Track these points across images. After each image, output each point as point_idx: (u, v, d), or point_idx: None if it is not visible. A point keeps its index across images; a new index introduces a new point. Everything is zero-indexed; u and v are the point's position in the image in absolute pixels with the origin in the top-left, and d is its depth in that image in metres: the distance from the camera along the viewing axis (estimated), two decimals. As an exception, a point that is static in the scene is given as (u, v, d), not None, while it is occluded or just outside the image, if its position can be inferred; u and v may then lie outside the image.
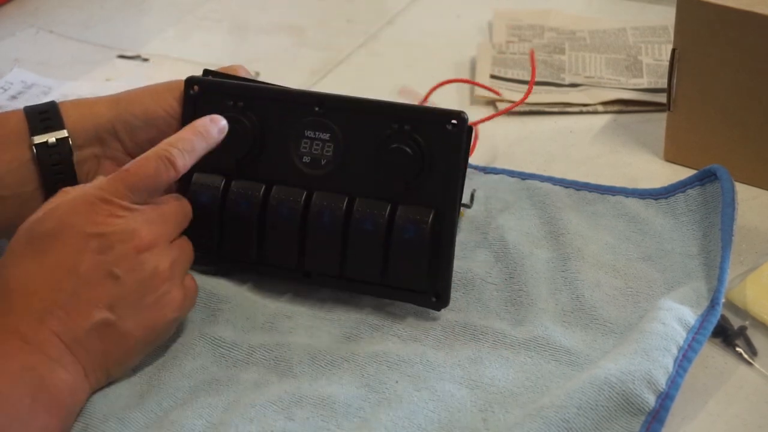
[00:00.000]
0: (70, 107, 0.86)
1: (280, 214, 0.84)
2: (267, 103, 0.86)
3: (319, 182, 0.85)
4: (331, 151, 0.84)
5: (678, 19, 0.95)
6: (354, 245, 0.83)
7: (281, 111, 0.86)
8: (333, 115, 0.84)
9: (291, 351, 0.81)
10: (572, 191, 0.96)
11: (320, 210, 0.83)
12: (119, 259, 0.75)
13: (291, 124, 0.85)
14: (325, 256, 0.84)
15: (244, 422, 0.74)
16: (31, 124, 0.85)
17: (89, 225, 0.75)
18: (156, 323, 0.77)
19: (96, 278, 0.74)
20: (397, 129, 0.82)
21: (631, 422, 0.73)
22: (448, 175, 0.82)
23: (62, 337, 0.73)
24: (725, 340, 0.81)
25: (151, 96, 0.87)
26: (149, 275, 0.76)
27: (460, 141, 0.81)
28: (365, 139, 0.84)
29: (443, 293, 0.83)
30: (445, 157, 0.82)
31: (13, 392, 0.68)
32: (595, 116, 1.10)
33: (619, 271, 0.87)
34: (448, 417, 0.75)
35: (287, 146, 0.85)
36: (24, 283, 0.73)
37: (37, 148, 0.84)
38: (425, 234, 0.82)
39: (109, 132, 0.86)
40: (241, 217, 0.85)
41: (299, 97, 0.86)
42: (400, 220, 0.82)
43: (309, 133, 0.85)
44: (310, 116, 0.85)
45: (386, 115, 0.83)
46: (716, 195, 0.89)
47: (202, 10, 1.35)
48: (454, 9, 1.33)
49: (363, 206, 0.83)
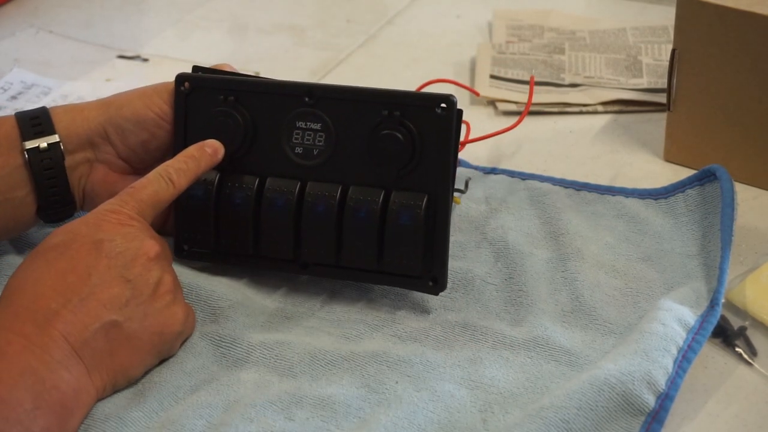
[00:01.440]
0: (61, 112, 0.87)
1: (274, 206, 0.85)
2: (257, 96, 0.86)
3: (312, 173, 0.85)
4: (323, 141, 0.85)
5: (678, 19, 0.95)
6: (349, 233, 0.84)
7: (272, 103, 0.86)
8: (323, 104, 0.85)
9: (291, 351, 0.81)
10: (572, 191, 0.96)
11: (314, 200, 0.84)
12: (130, 263, 0.77)
13: (282, 116, 0.86)
14: (321, 246, 0.85)
15: (245, 422, 0.74)
16: (23, 130, 0.85)
17: (99, 232, 0.77)
18: (162, 330, 0.78)
19: (108, 280, 0.76)
20: (387, 115, 0.83)
21: (631, 423, 0.73)
22: (439, 160, 0.82)
23: (69, 338, 0.73)
24: (725, 341, 0.81)
25: (140, 98, 0.88)
26: (157, 282, 0.78)
27: (450, 124, 0.82)
28: (356, 128, 0.84)
29: (440, 277, 0.83)
30: (436, 142, 0.82)
31: (11, 396, 0.69)
32: (595, 116, 1.10)
33: (618, 271, 0.87)
34: (448, 417, 0.75)
35: (279, 138, 0.86)
36: (33, 287, 0.74)
37: (28, 153, 0.85)
38: (419, 219, 0.82)
39: (100, 136, 0.87)
40: (236, 211, 0.86)
41: (289, 89, 0.86)
42: (394, 206, 0.82)
43: (300, 124, 0.85)
44: (301, 107, 0.85)
45: (376, 102, 0.84)
46: (716, 195, 0.89)
47: (202, 10, 1.35)
48: (454, 9, 1.33)
49: (357, 194, 0.83)
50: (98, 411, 0.76)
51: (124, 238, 0.77)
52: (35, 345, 0.71)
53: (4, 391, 0.69)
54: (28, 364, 0.70)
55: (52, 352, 0.72)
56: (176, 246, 0.89)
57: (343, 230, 0.84)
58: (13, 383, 0.69)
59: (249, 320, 0.84)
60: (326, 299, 0.87)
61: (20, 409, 0.69)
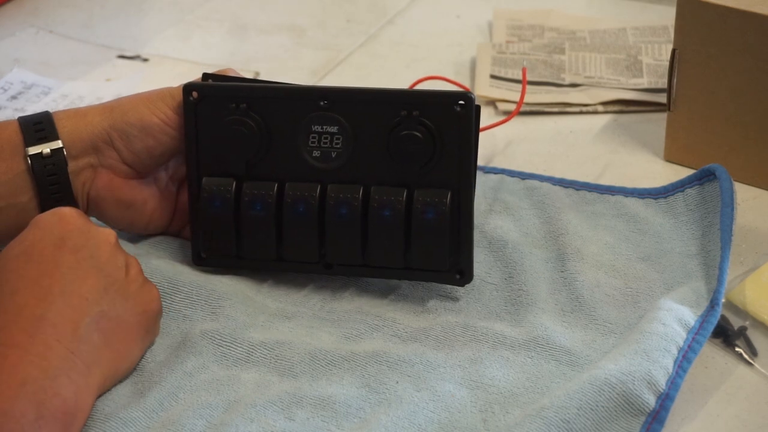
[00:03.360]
0: (63, 117, 0.87)
1: (296, 211, 0.84)
2: (270, 101, 0.85)
3: (331, 175, 0.84)
4: (340, 144, 0.84)
5: (678, 19, 0.95)
6: (375, 233, 0.84)
7: (285, 108, 0.85)
8: (339, 107, 0.84)
9: (291, 351, 0.81)
10: (572, 191, 0.96)
11: (337, 203, 0.83)
12: (95, 253, 0.78)
13: (297, 120, 0.85)
14: (346, 248, 0.84)
15: (245, 422, 0.74)
16: (26, 135, 0.85)
17: (57, 229, 0.77)
18: (145, 309, 0.79)
19: (81, 274, 0.76)
20: (406, 115, 0.82)
21: (631, 423, 0.73)
22: (460, 156, 0.82)
23: (63, 341, 0.73)
24: (725, 341, 0.81)
25: (145, 104, 0.87)
26: (126, 265, 0.79)
27: (469, 121, 0.81)
28: (374, 129, 0.83)
29: (466, 270, 0.84)
30: (455, 138, 0.82)
31: (14, 408, 0.68)
32: (595, 116, 1.10)
33: (618, 271, 0.87)
34: (448, 417, 0.75)
35: (295, 143, 0.85)
36: (11, 299, 0.74)
37: (31, 159, 0.84)
38: (444, 215, 0.82)
39: (104, 141, 0.86)
40: (256, 218, 0.85)
41: (303, 93, 0.85)
42: (418, 203, 0.82)
43: (316, 128, 0.84)
44: (316, 111, 0.84)
45: (393, 103, 0.83)
46: (715, 194, 0.89)
47: (202, 10, 1.35)
48: (454, 9, 1.33)
49: (379, 194, 0.83)
50: (98, 411, 0.76)
51: (80, 231, 0.78)
52: (32, 354, 0.71)
53: (6, 403, 0.68)
54: (28, 374, 0.70)
55: (50, 360, 0.72)
56: (194, 253, 0.88)
57: (368, 230, 0.84)
58: (14, 395, 0.69)
59: (249, 320, 0.84)
60: (327, 299, 0.87)
61: (24, 420, 0.68)
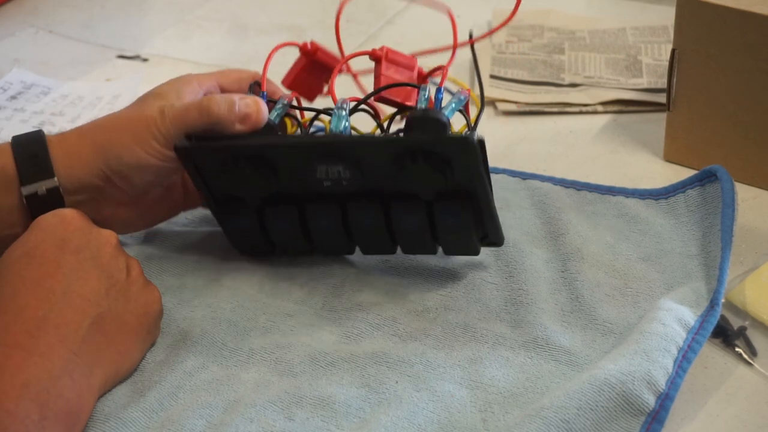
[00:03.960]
0: (59, 155, 0.82)
1: (320, 227, 0.86)
2: (267, 152, 0.83)
3: (346, 196, 0.84)
4: (349, 175, 0.82)
5: (678, 19, 0.95)
6: (402, 240, 0.86)
7: (284, 159, 0.83)
8: (340, 153, 0.82)
9: (291, 351, 0.81)
10: (572, 191, 0.96)
11: (359, 218, 0.85)
12: (97, 254, 0.78)
13: (299, 163, 0.83)
14: (377, 249, 0.88)
15: (245, 422, 0.75)
16: (21, 169, 0.82)
17: (59, 231, 0.78)
18: (146, 310, 0.80)
19: (82, 275, 0.76)
20: (411, 162, 0.80)
21: (631, 423, 0.73)
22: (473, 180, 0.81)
23: (66, 342, 0.73)
24: (725, 341, 0.81)
25: (136, 143, 0.82)
26: (127, 266, 0.80)
27: (475, 154, 0.79)
28: (380, 169, 0.82)
29: (497, 240, 0.86)
30: (465, 167, 0.80)
31: (18, 408, 0.68)
32: (595, 116, 1.10)
33: (618, 271, 0.87)
34: (448, 417, 0.75)
35: (305, 179, 0.83)
36: (13, 301, 0.74)
37: (27, 199, 0.82)
38: (468, 218, 0.83)
39: (102, 179, 0.83)
40: (282, 231, 0.87)
41: (298, 149, 0.83)
42: (439, 212, 0.83)
43: (321, 167, 0.82)
44: (318, 153, 0.82)
45: (396, 157, 0.80)
46: (716, 195, 0.89)
47: (202, 10, 1.35)
48: (454, 9, 1.32)
49: (399, 209, 0.84)
50: (98, 411, 0.76)
51: (82, 233, 0.78)
52: (35, 355, 0.71)
53: (11, 404, 0.69)
54: (31, 375, 0.70)
55: (53, 361, 0.72)
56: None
57: (394, 238, 0.86)
58: (18, 396, 0.69)
59: (250, 321, 0.84)
60: (328, 298, 0.87)
61: (28, 420, 0.68)
